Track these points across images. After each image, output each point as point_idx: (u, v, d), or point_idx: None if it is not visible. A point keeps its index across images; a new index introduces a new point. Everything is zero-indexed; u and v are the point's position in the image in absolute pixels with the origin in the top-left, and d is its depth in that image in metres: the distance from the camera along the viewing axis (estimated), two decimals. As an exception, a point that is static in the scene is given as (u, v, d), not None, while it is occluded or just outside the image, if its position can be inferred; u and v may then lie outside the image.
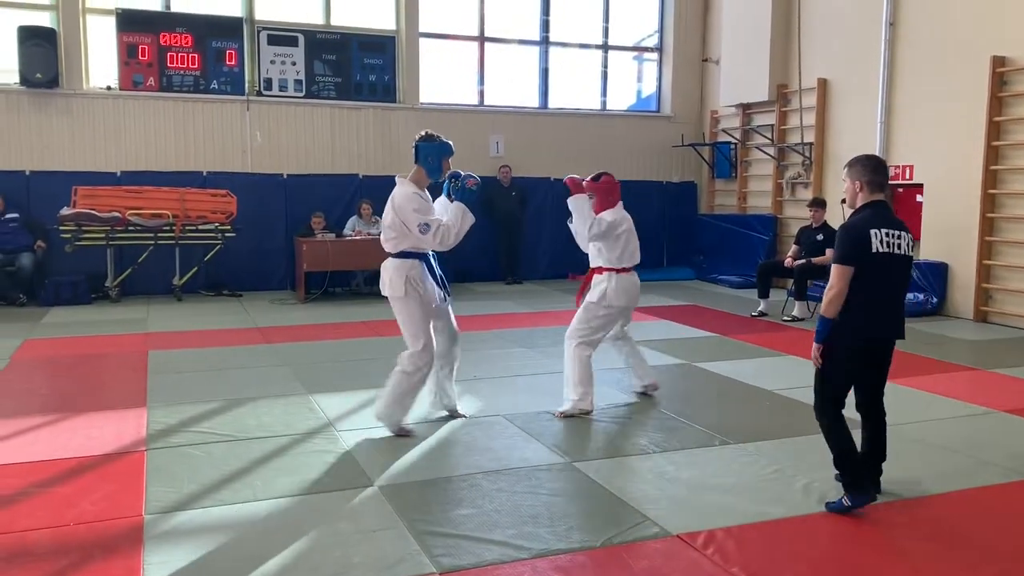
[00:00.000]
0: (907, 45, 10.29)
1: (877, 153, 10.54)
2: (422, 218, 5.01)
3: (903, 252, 3.97)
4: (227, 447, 4.88)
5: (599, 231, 5.58)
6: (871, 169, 4.04)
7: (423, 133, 5.26)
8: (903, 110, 10.39)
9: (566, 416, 5.53)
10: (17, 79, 10.63)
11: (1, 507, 3.98)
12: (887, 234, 3.92)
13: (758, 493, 4.21)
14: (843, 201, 4.27)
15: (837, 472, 4.08)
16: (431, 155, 5.19)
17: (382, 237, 5.21)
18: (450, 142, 5.27)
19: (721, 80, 13.12)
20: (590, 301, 5.71)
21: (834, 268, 3.93)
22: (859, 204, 4.05)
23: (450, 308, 5.48)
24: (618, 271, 5.69)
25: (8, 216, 10.33)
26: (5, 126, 10.71)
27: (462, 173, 5.25)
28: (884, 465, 4.22)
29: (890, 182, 10.51)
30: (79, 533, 3.69)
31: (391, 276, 5.11)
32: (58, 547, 3.54)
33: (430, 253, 5.23)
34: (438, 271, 5.31)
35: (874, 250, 3.88)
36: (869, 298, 3.92)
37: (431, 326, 5.22)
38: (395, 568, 3.36)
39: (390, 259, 5.17)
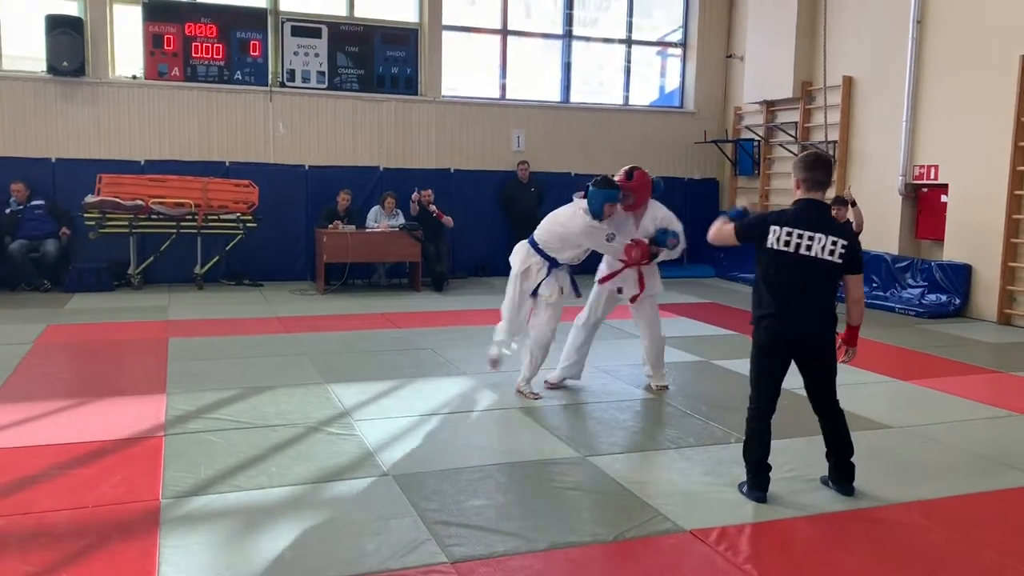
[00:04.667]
0: (935, 43, 10.16)
1: (901, 152, 10.45)
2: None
3: (814, 255, 3.85)
4: (244, 434, 4.92)
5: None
6: (805, 166, 3.98)
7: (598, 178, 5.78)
8: (929, 109, 10.27)
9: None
10: (44, 67, 10.75)
11: (22, 488, 4.04)
12: (789, 233, 3.85)
13: (773, 491, 4.17)
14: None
15: (827, 475, 4.23)
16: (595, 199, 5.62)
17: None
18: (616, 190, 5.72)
19: (745, 76, 13.03)
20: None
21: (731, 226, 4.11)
22: (794, 200, 4.05)
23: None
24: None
25: (34, 203, 10.45)
26: (32, 114, 10.83)
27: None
28: (897, 467, 4.19)
29: (914, 182, 10.48)
30: (97, 515, 3.74)
31: None
32: (77, 528, 3.59)
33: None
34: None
35: (768, 245, 3.88)
36: (766, 295, 3.94)
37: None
38: (407, 556, 3.38)
39: None
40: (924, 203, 10.59)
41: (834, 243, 3.85)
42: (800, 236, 3.85)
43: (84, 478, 4.18)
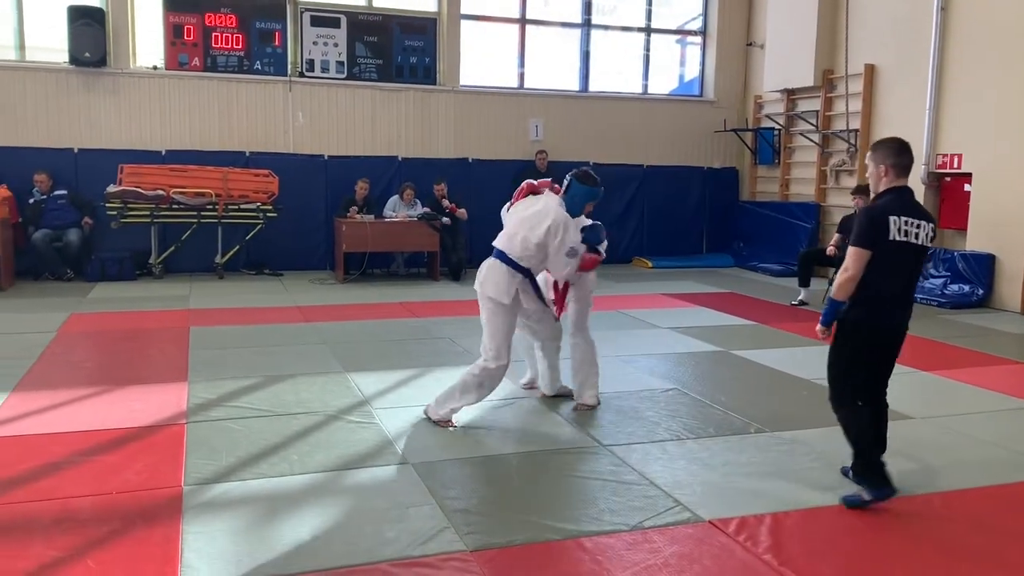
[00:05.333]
0: (958, 31, 10.03)
1: (924, 141, 10.33)
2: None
3: (920, 242, 3.81)
4: (265, 422, 4.95)
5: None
6: (896, 152, 3.87)
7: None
8: (953, 97, 10.14)
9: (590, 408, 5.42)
10: (67, 58, 10.83)
11: (47, 474, 4.09)
12: (906, 222, 3.77)
13: (793, 482, 4.18)
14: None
15: (849, 466, 4.00)
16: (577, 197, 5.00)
17: None
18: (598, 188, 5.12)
19: (765, 65, 12.92)
20: (590, 288, 5.49)
21: (851, 251, 3.82)
22: (882, 188, 3.90)
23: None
24: None
25: (56, 193, 10.54)
26: (55, 105, 10.92)
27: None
28: (919, 458, 4.14)
29: (936, 171, 10.36)
30: (121, 501, 3.78)
31: None
32: (100, 514, 3.64)
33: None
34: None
35: (891, 236, 3.75)
36: (881, 286, 3.80)
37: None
38: (427, 544, 3.40)
39: None
40: (947, 192, 10.47)
41: (932, 229, 3.85)
42: (912, 224, 3.78)
43: (107, 465, 4.23)
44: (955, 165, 10.15)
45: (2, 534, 3.45)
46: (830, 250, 9.53)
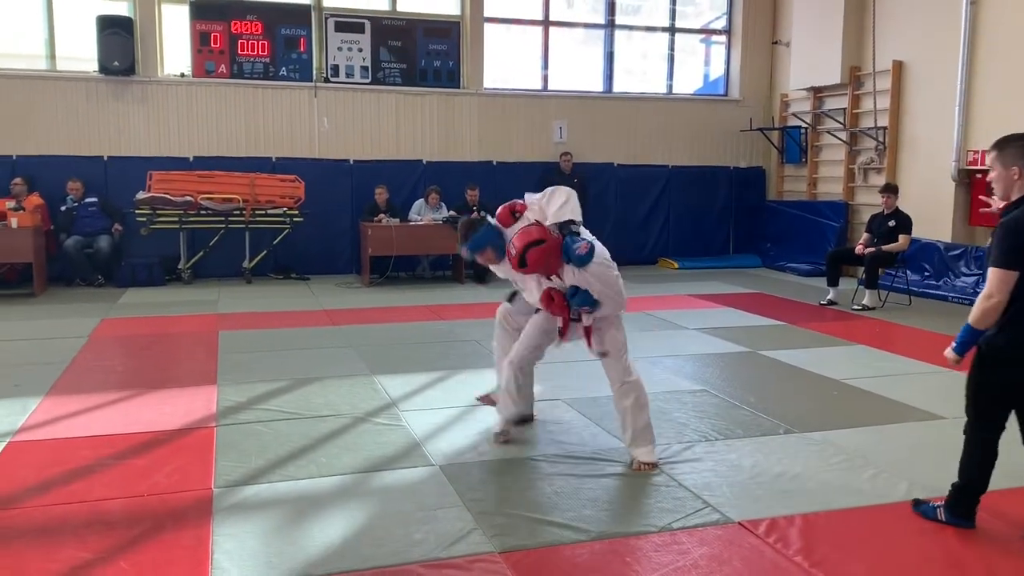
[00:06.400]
0: (989, 25, 9.87)
1: (954, 138, 10.19)
2: None
3: None
4: (293, 424, 4.98)
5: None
6: None
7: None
8: (983, 93, 9.99)
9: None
10: (96, 67, 10.99)
11: (79, 477, 4.14)
12: None
13: (824, 482, 4.13)
14: (990, 193, 3.64)
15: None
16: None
17: None
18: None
19: (792, 63, 12.80)
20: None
21: (994, 273, 3.36)
22: (1016, 195, 3.43)
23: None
24: None
25: (87, 200, 10.70)
26: (85, 113, 11.08)
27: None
28: (951, 458, 3.92)
29: (967, 167, 10.20)
30: (151, 503, 3.82)
31: None
32: (131, 516, 3.68)
33: None
34: None
35: None
36: None
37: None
38: (455, 546, 3.40)
39: None
40: (979, 189, 10.30)
41: None
42: None
43: (138, 468, 4.27)
44: (987, 161, 9.98)
45: (35, 536, 3.50)
46: (859, 249, 9.45)
